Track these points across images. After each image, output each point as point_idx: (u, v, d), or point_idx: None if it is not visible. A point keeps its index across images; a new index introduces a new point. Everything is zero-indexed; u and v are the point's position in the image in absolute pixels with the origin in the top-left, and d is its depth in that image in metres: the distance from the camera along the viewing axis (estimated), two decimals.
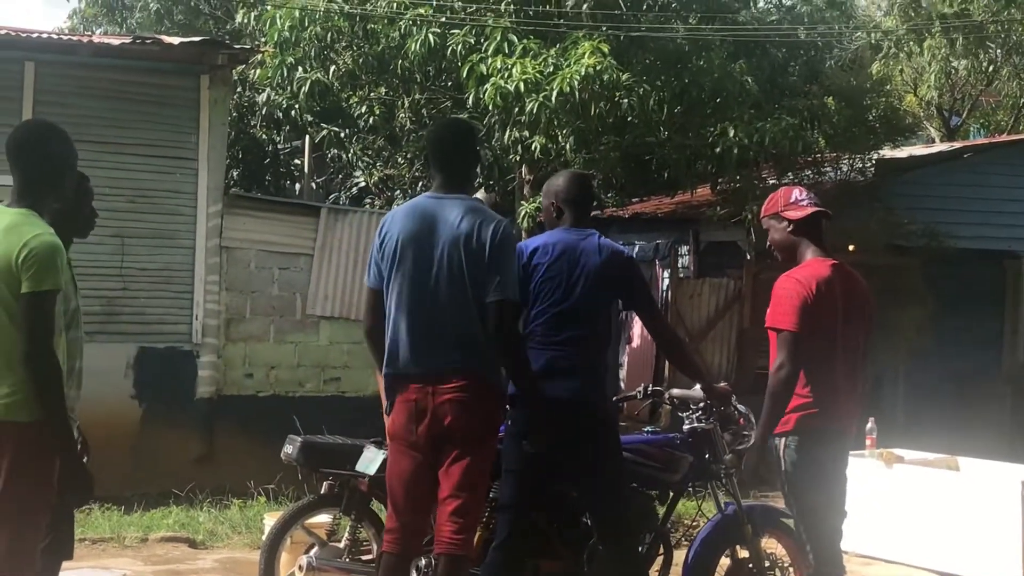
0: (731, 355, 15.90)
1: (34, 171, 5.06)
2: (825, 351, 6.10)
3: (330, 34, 14.32)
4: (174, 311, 12.44)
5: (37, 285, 4.80)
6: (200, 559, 9.77)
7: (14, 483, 4.83)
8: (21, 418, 4.83)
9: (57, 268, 4.86)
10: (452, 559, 5.72)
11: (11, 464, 4.83)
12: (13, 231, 4.87)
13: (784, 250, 6.36)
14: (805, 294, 6.03)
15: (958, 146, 19.77)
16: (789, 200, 6.33)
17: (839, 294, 6.16)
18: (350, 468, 7.03)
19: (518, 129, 13.51)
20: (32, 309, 4.80)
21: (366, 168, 18.37)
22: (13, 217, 4.94)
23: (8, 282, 4.82)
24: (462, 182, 6.01)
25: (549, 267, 6.34)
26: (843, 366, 6.19)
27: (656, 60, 14.30)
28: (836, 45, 18.34)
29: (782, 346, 6.02)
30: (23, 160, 5.07)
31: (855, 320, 6.25)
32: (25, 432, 4.83)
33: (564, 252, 6.37)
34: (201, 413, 12.46)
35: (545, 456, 6.19)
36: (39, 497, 4.91)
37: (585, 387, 6.29)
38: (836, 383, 6.15)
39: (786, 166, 15.54)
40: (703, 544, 7.07)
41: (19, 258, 4.79)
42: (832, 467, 6.20)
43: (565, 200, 6.58)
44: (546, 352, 6.27)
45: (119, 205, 11.81)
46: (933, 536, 9.63)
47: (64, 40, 12.73)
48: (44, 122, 5.41)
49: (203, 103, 12.51)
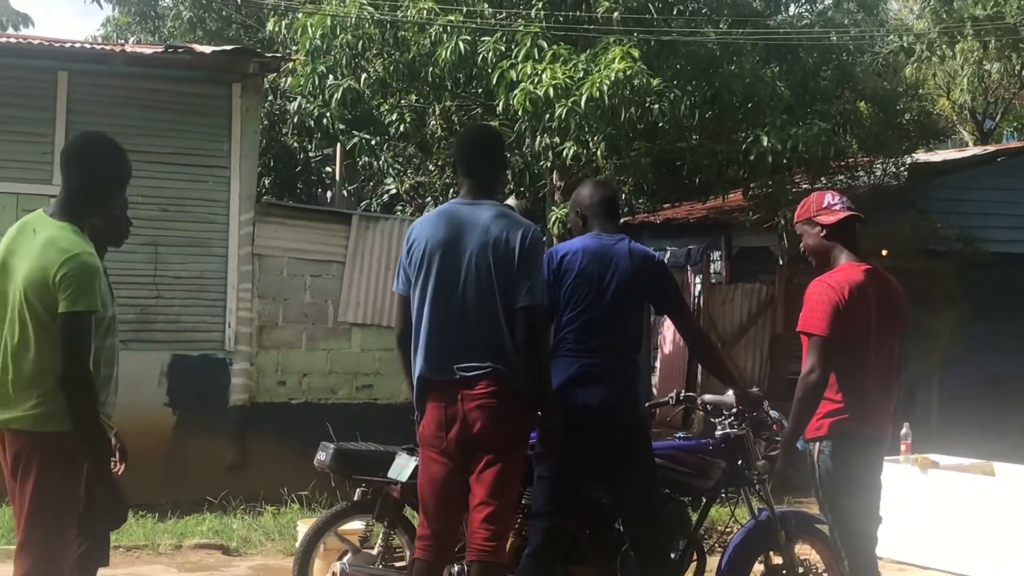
0: (764, 361, 15.85)
1: (81, 186, 5.05)
2: (857, 356, 6.06)
3: (361, 42, 14.35)
4: (207, 319, 12.47)
5: (73, 305, 4.80)
6: (234, 566, 9.79)
7: (41, 494, 4.85)
8: (48, 429, 4.85)
9: (94, 289, 4.85)
10: (485, 566, 5.72)
11: (38, 474, 4.85)
12: (52, 246, 4.86)
13: (818, 255, 6.33)
14: (837, 299, 6.00)
15: (992, 149, 19.68)
16: (822, 205, 6.30)
17: (872, 299, 6.13)
18: (383, 475, 7.03)
19: (548, 135, 13.51)
20: (68, 329, 4.80)
21: (397, 175, 18.42)
22: (54, 231, 4.93)
23: (42, 297, 4.83)
24: (490, 188, 6.01)
25: (579, 273, 6.33)
26: (876, 371, 6.16)
27: (687, 65, 14.27)
28: (868, 49, 18.26)
29: (812, 351, 6.00)
30: (72, 173, 5.06)
31: (889, 325, 6.22)
32: (52, 443, 4.85)
33: (594, 257, 6.35)
34: (234, 420, 12.49)
35: (578, 462, 6.18)
36: (67, 507, 4.93)
37: (617, 393, 6.27)
38: (868, 388, 6.12)
39: (819, 171, 15.49)
40: (736, 550, 7.04)
41: (56, 276, 4.79)
42: (866, 472, 6.16)
43: (588, 207, 6.58)
44: (578, 359, 6.26)
45: (152, 214, 11.85)
46: (968, 542, 9.57)
47: (97, 50, 12.77)
48: (102, 137, 5.28)
49: (235, 111, 12.55)
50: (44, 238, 4.90)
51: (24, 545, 4.91)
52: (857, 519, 6.18)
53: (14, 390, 4.90)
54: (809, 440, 6.12)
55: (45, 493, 4.85)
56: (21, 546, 4.92)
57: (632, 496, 6.36)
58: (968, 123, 25.94)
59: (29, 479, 4.86)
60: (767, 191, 15.28)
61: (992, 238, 16.05)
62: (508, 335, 5.71)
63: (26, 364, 4.89)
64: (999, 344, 16.78)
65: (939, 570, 9.76)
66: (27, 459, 4.87)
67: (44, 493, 4.85)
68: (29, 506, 4.86)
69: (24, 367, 4.89)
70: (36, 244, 4.90)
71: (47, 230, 4.94)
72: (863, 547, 6.23)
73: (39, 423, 4.86)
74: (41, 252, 4.86)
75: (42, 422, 4.86)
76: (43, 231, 4.94)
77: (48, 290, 4.81)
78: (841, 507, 6.15)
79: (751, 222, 15.82)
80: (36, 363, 4.87)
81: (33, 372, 4.88)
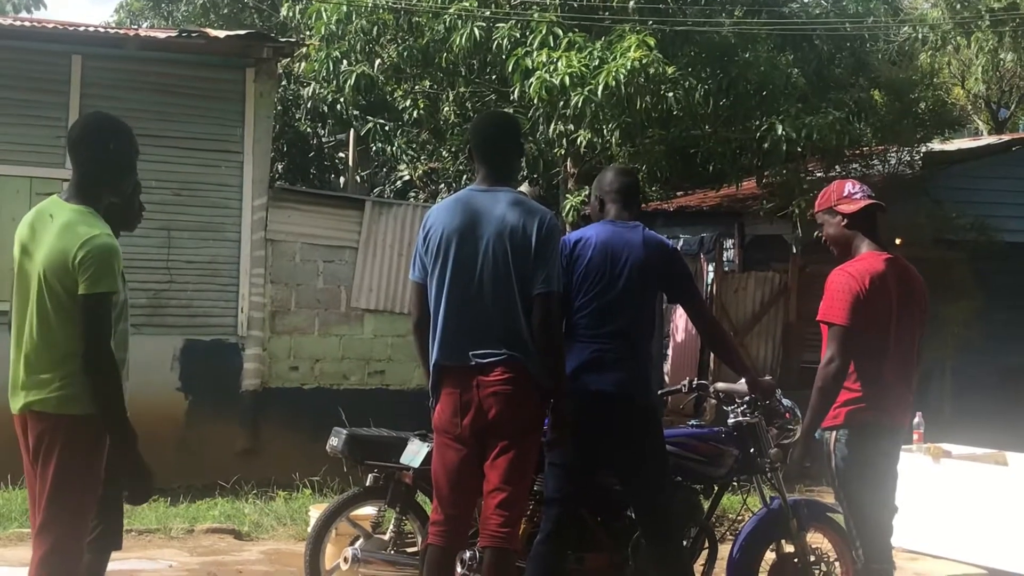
0: (776, 349, 15.83)
1: (93, 167, 5.06)
2: (877, 346, 6.04)
3: (376, 27, 14.34)
4: (220, 304, 12.50)
5: (94, 287, 4.82)
6: (245, 550, 9.81)
7: (64, 476, 4.87)
8: (72, 411, 4.87)
9: (114, 270, 4.88)
10: (498, 552, 5.72)
11: (60, 457, 4.87)
12: (70, 229, 4.88)
13: (839, 245, 6.29)
14: (857, 289, 5.97)
15: (1006, 139, 19.63)
16: (842, 194, 6.26)
17: (893, 288, 6.09)
18: (395, 460, 7.04)
19: (563, 123, 13.48)
20: (89, 310, 4.83)
21: (410, 161, 18.39)
22: (71, 214, 4.95)
23: (62, 279, 4.84)
24: (506, 175, 6.00)
25: (591, 259, 6.31)
26: (895, 361, 6.13)
27: (702, 53, 14.25)
28: (883, 38, 18.20)
29: (832, 340, 5.97)
30: (82, 155, 5.07)
31: (909, 315, 6.19)
32: (75, 425, 4.87)
33: (607, 244, 6.33)
34: (246, 405, 12.52)
35: (590, 449, 6.18)
36: (88, 490, 4.95)
37: (630, 380, 6.25)
38: (887, 378, 6.09)
39: (833, 159, 15.46)
40: (748, 538, 7.04)
41: (76, 258, 4.81)
42: (883, 462, 6.13)
43: (608, 192, 6.57)
44: (590, 345, 6.24)
45: (165, 198, 11.87)
46: (981, 531, 9.54)
47: (111, 34, 12.77)
48: (106, 117, 5.30)
49: (248, 96, 12.56)
50: (61, 222, 4.92)
51: (45, 526, 4.92)
52: (872, 508, 6.16)
53: (38, 372, 4.92)
54: (826, 429, 6.10)
55: (67, 475, 4.87)
56: (42, 527, 4.93)
57: (644, 483, 6.34)
58: (983, 112, 25.87)
59: (51, 461, 4.88)
60: (781, 179, 15.25)
61: (1006, 227, 16.03)
62: (524, 322, 5.69)
63: (49, 347, 4.91)
64: (1013, 334, 16.75)
65: (951, 559, 9.73)
66: (50, 441, 4.89)
67: (66, 475, 4.87)
68: (51, 488, 4.88)
69: (47, 350, 4.91)
70: (54, 228, 4.92)
71: (64, 214, 4.96)
72: (878, 536, 6.21)
73: (62, 406, 4.88)
74: (59, 235, 4.88)
75: (65, 404, 4.87)
76: (60, 215, 4.96)
77: (68, 272, 4.83)
78: (857, 496, 6.13)
79: (765, 210, 15.79)
80: (59, 346, 4.89)
81: (56, 355, 4.90)
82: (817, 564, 7.10)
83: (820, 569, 7.11)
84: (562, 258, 6.16)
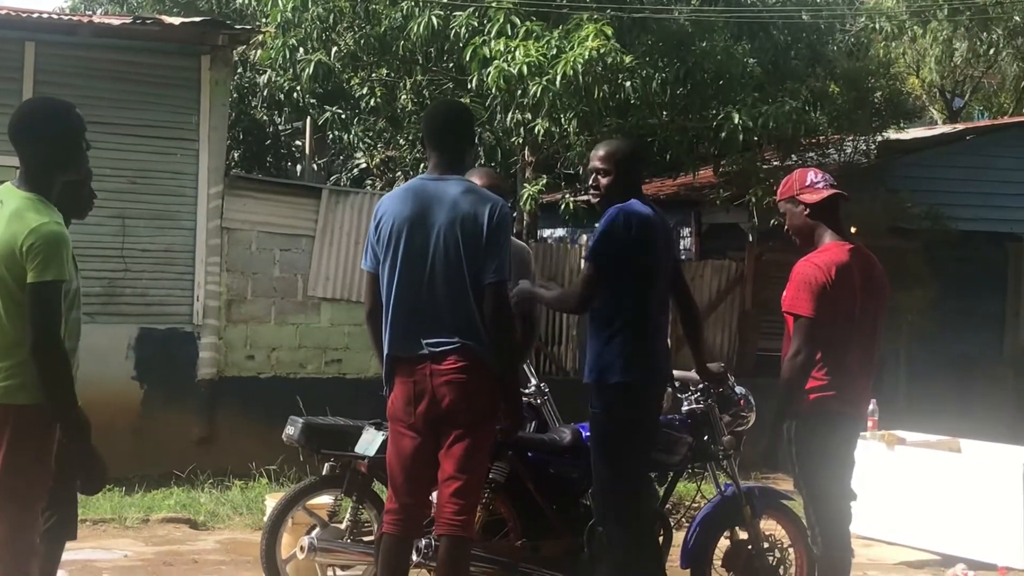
0: (733, 337, 15.88)
1: (39, 153, 4.99)
2: (843, 336, 6.08)
3: (332, 15, 14.28)
4: (175, 292, 12.44)
5: (42, 275, 4.76)
6: (201, 540, 9.78)
7: (12, 467, 4.82)
8: (19, 401, 4.82)
9: (62, 258, 4.82)
10: (453, 540, 5.73)
11: (8, 447, 4.81)
12: (19, 217, 4.83)
13: (801, 234, 6.32)
14: (824, 280, 6.00)
15: (960, 128, 19.74)
16: (805, 183, 6.28)
17: (857, 279, 6.14)
18: (351, 449, 7.03)
19: (521, 112, 13.48)
20: (37, 298, 4.77)
21: (367, 150, 18.35)
22: (20, 201, 4.89)
23: (10, 267, 4.79)
24: (457, 163, 5.98)
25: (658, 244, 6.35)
26: (859, 350, 6.18)
27: (659, 42, 14.27)
28: (839, 28, 18.28)
29: (799, 332, 6.00)
30: (25, 142, 5.00)
31: (872, 304, 6.24)
32: (22, 415, 4.82)
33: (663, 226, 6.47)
34: (202, 394, 12.47)
35: None
36: (37, 481, 4.90)
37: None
38: (852, 367, 6.14)
39: (789, 148, 15.51)
40: (702, 525, 7.07)
41: (24, 246, 4.76)
42: (844, 449, 6.18)
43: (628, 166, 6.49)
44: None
45: (120, 186, 11.81)
46: (935, 518, 9.63)
47: (64, 20, 12.68)
48: (45, 101, 5.30)
49: (204, 84, 12.50)
50: (10, 209, 4.87)
51: None
52: (831, 495, 6.21)
53: None
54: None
55: (16, 466, 4.82)
56: None
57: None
58: (937, 102, 26.00)
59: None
60: (737, 168, 15.29)
61: (960, 216, 16.11)
62: (477, 311, 5.68)
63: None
64: (967, 322, 16.89)
65: (906, 546, 9.82)
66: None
67: (15, 466, 4.82)
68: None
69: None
70: (3, 216, 4.87)
71: (13, 201, 4.90)
72: (836, 522, 6.26)
73: (9, 395, 4.83)
74: (8, 223, 4.83)
75: (12, 394, 4.82)
76: (9, 202, 4.91)
77: (16, 260, 4.77)
78: (816, 483, 6.17)
79: (721, 199, 15.82)
80: (7, 335, 4.83)
81: (3, 345, 4.84)
82: (771, 551, 7.15)
83: (774, 555, 7.16)
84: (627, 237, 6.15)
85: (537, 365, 13.77)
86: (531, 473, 6.92)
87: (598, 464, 6.29)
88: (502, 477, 6.85)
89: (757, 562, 7.08)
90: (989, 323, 17.68)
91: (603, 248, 6.16)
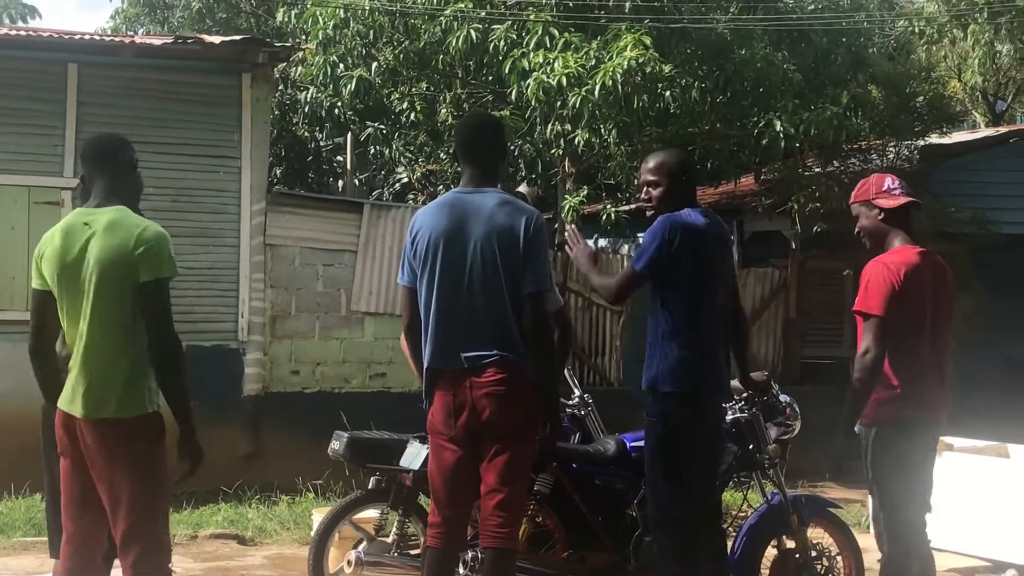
0: (777, 345, 15.83)
1: (120, 176, 5.25)
2: (912, 339, 6.05)
3: (372, 31, 14.34)
4: (220, 309, 12.50)
5: (157, 272, 5.00)
6: (249, 555, 9.82)
7: (136, 477, 5.02)
8: (130, 414, 5.03)
9: (171, 255, 5.05)
10: (498, 552, 5.74)
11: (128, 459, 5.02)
12: (119, 226, 5.03)
13: (873, 237, 6.32)
14: (893, 280, 6.00)
15: (1004, 131, 19.60)
16: (882, 188, 6.31)
17: (928, 282, 6.13)
18: (396, 463, 7.05)
19: (561, 123, 13.50)
20: (154, 295, 4.99)
21: (408, 164, 18.39)
22: (113, 214, 5.09)
23: (122, 274, 4.99)
24: (491, 175, 5.99)
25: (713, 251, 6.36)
26: (930, 355, 6.15)
27: (698, 51, 14.25)
28: (878, 32, 18.20)
29: (868, 331, 5.99)
30: (109, 166, 5.26)
31: (942, 308, 6.22)
32: (137, 426, 5.05)
33: (717, 227, 6.45)
34: (248, 410, 12.52)
35: None
36: (161, 485, 5.15)
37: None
38: (923, 372, 6.11)
39: (831, 155, 15.46)
40: (749, 534, 7.06)
41: (136, 250, 4.97)
42: (919, 458, 6.09)
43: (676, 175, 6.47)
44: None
45: (163, 204, 11.86)
46: (984, 524, 9.55)
47: (106, 41, 12.81)
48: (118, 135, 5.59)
49: (245, 101, 12.57)
50: (105, 222, 5.06)
51: (128, 534, 5.05)
52: (904, 504, 6.12)
53: (96, 381, 5.02)
54: (863, 425, 6.11)
55: (139, 477, 5.01)
56: (127, 535, 5.04)
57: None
58: (980, 105, 25.85)
59: (117, 466, 5.00)
60: (779, 175, 15.26)
61: (1005, 220, 16.01)
62: (515, 323, 5.70)
63: (107, 351, 5.02)
64: (1013, 326, 16.74)
65: (956, 552, 9.73)
66: (114, 446, 5.01)
67: (138, 477, 5.00)
68: (129, 493, 5.00)
69: (105, 355, 5.02)
70: (98, 231, 5.04)
71: (104, 216, 5.10)
72: (906, 533, 6.16)
73: (122, 409, 5.01)
74: (109, 233, 5.02)
75: (125, 408, 5.02)
76: (100, 219, 5.09)
77: (130, 264, 4.97)
78: (890, 491, 6.10)
79: (763, 207, 15.79)
80: (105, 350, 5.01)
81: (108, 359, 5.01)
82: (819, 559, 7.13)
83: (822, 564, 7.14)
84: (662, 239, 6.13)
85: (580, 376, 13.78)
86: (576, 484, 6.93)
87: (649, 472, 6.28)
88: (547, 489, 6.87)
89: (805, 571, 7.07)
90: None
91: (644, 254, 6.15)
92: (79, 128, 11.73)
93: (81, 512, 5.15)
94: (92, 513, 5.12)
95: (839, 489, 12.50)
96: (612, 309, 14.75)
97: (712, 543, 6.34)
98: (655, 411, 6.19)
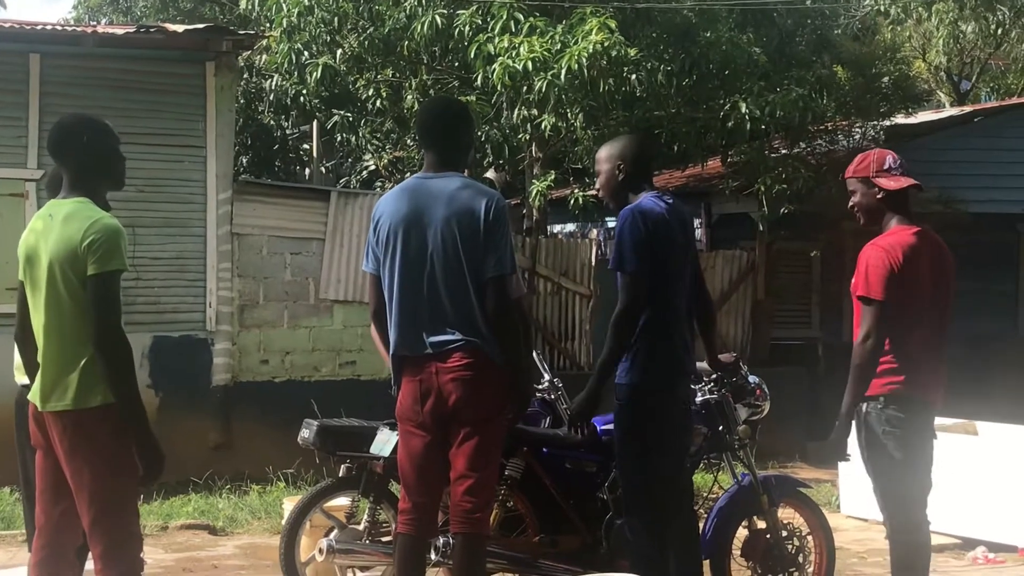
0: (746, 327, 15.88)
1: (82, 164, 5.18)
2: (911, 320, 6.00)
3: (337, 18, 14.27)
4: (187, 299, 12.47)
5: (105, 265, 4.92)
6: (220, 545, 9.81)
7: (98, 471, 4.95)
8: (92, 403, 4.94)
9: (121, 249, 4.97)
10: (469, 537, 5.74)
11: (90, 452, 4.94)
12: (73, 218, 4.99)
13: (869, 214, 6.27)
14: (891, 263, 5.95)
15: (968, 110, 19.70)
16: (882, 167, 6.25)
17: (925, 261, 6.10)
18: (366, 450, 7.04)
19: (527, 108, 13.48)
20: (101, 289, 4.91)
21: (375, 151, 18.34)
22: (71, 206, 5.06)
23: (73, 266, 4.93)
24: (453, 160, 5.95)
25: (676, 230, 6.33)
26: (928, 335, 6.09)
27: (663, 34, 14.25)
28: (843, 13, 18.24)
29: (867, 316, 5.94)
30: (67, 155, 5.20)
31: (941, 287, 6.19)
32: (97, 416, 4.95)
33: (680, 219, 6.42)
34: (217, 400, 12.50)
35: None
36: (128, 479, 5.06)
37: None
38: (921, 352, 6.04)
39: (797, 136, 15.49)
40: (720, 515, 7.07)
41: (84, 242, 4.91)
42: (916, 437, 6.06)
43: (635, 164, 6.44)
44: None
45: (129, 195, 11.70)
46: (954, 501, 9.60)
47: (68, 31, 12.71)
48: (82, 116, 5.45)
49: (209, 90, 12.52)
50: (63, 214, 5.03)
51: (94, 525, 5.00)
52: (900, 482, 6.05)
53: (54, 374, 4.99)
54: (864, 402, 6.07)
55: (102, 467, 4.95)
56: (93, 525, 5.00)
57: None
58: (945, 85, 25.96)
59: (80, 456, 4.95)
60: (746, 158, 15.27)
61: (970, 198, 16.08)
62: (479, 307, 5.68)
63: (62, 344, 4.98)
64: (978, 304, 16.83)
65: None
66: (75, 437, 4.96)
67: (100, 467, 4.95)
68: (92, 483, 4.95)
69: (60, 347, 4.99)
70: (56, 223, 5.02)
71: (64, 209, 5.07)
72: (905, 509, 6.14)
73: (81, 400, 4.95)
74: (63, 225, 4.99)
75: (84, 398, 4.95)
76: (59, 211, 5.07)
77: (78, 257, 4.92)
78: (884, 469, 6.06)
79: (730, 189, 15.81)
80: (68, 342, 4.97)
81: (69, 352, 4.97)
82: (789, 539, 7.16)
83: (793, 543, 7.16)
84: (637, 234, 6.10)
85: (551, 360, 13.79)
86: (547, 468, 6.93)
87: (619, 455, 6.33)
88: (518, 473, 6.87)
89: (776, 550, 7.09)
90: (1001, 304, 17.66)
91: (627, 254, 6.11)
92: (42, 119, 11.68)
93: (54, 503, 5.13)
94: (64, 504, 5.09)
95: (809, 469, 12.58)
96: (581, 293, 14.77)
97: (683, 524, 6.35)
98: (624, 394, 6.19)
